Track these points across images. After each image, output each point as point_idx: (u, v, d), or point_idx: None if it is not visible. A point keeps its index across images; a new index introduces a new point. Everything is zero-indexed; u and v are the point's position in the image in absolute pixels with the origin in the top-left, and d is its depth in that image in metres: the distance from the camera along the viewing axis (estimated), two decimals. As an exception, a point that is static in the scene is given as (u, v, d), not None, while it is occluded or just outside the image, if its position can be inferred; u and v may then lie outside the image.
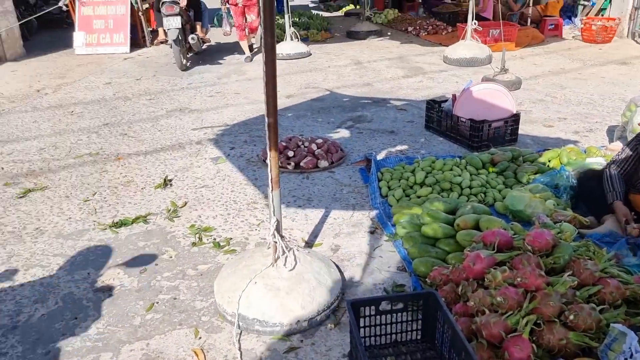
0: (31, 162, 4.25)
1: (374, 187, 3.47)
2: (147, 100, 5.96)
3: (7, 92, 6.52)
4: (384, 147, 4.32)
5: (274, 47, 2.03)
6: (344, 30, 10.40)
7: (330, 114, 5.29)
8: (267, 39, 1.96)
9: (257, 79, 6.81)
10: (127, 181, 3.83)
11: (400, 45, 8.82)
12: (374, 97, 5.82)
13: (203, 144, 4.54)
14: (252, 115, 5.31)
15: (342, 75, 6.88)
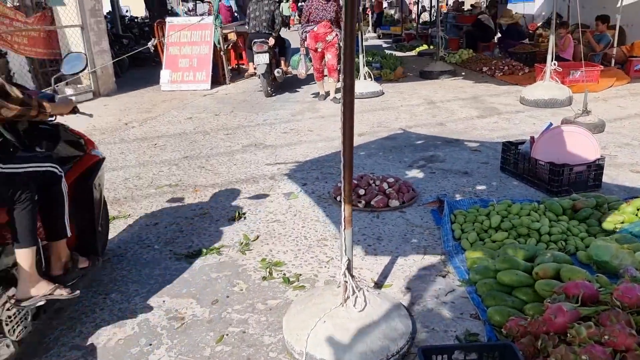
0: (117, 191, 4.51)
1: (446, 229, 3.39)
2: (225, 135, 6.21)
3: (99, 124, 7.02)
4: (457, 189, 4.23)
5: (353, 89, 2.07)
6: (417, 70, 10.44)
7: (402, 153, 5.26)
8: (347, 80, 2.00)
9: (330, 116, 6.94)
10: (202, 212, 3.97)
11: (475, 85, 8.71)
12: (447, 137, 5.75)
13: (276, 179, 4.64)
14: (324, 153, 5.38)
15: (414, 114, 6.86)
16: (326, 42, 7.40)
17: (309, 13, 7.36)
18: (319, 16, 7.26)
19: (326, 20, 7.26)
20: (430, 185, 4.33)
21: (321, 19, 7.25)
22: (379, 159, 5.09)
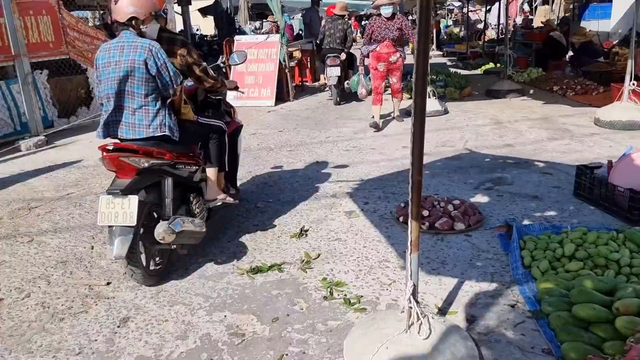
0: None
1: (515, 256, 3.24)
2: (288, 151, 6.28)
3: (168, 138, 7.28)
4: (527, 213, 4.05)
5: (424, 109, 2.02)
6: (482, 89, 10.19)
7: (468, 174, 5.12)
8: (418, 100, 1.96)
9: (393, 135, 6.88)
10: (265, 228, 4.01)
11: (545, 104, 8.38)
12: (515, 158, 5.54)
13: (338, 197, 4.63)
14: (386, 172, 5.32)
15: (480, 134, 6.68)
16: (389, 63, 6.98)
17: (371, 32, 6.99)
18: (382, 35, 6.88)
19: (389, 40, 6.88)
20: (497, 208, 4.18)
21: (383, 38, 6.87)
22: (443, 180, 4.97)
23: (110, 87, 3.14)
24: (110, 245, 2.92)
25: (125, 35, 3.15)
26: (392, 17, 6.85)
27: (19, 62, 6.98)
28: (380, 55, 6.98)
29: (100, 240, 3.91)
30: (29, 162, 6.31)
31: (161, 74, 3.13)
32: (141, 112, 3.15)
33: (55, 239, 3.97)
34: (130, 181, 2.96)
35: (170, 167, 3.25)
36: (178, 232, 3.07)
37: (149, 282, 3.16)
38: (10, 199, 4.95)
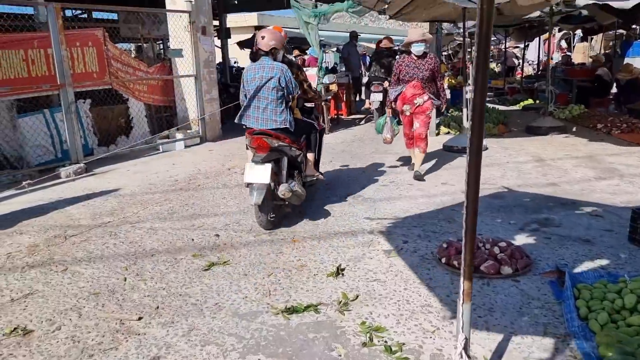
0: (216, 237, 4.56)
1: (569, 306, 3.01)
2: (323, 185, 6.18)
3: (204, 169, 7.30)
4: (578, 259, 3.80)
5: (480, 150, 1.89)
6: (522, 125, 9.97)
7: (512, 213, 4.90)
8: (474, 140, 1.83)
9: (432, 170, 6.71)
10: (300, 265, 3.88)
11: (589, 143, 8.10)
12: (561, 198, 5.30)
13: (375, 235, 4.47)
14: (425, 209, 5.15)
15: (522, 172, 6.45)
16: (414, 106, 6.17)
17: (399, 71, 6.25)
18: (409, 74, 6.14)
19: (417, 80, 6.13)
20: (545, 252, 3.94)
21: (412, 77, 6.14)
22: (486, 219, 4.76)
23: (252, 95, 4.69)
24: (250, 196, 4.43)
25: (265, 59, 4.72)
26: (423, 56, 6.15)
27: (64, 91, 7.16)
28: (405, 96, 6.21)
29: (133, 272, 3.85)
30: (67, 190, 6.39)
31: (287, 86, 4.69)
32: (271, 111, 4.66)
33: (89, 269, 3.93)
34: (265, 155, 4.51)
35: (287, 149, 4.74)
36: (293, 191, 4.59)
37: (269, 226, 4.66)
38: (48, 226, 4.97)
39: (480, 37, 1.73)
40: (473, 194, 1.94)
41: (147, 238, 4.59)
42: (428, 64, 6.14)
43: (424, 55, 6.17)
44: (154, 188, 6.37)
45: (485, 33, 1.72)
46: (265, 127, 4.65)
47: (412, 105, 6.19)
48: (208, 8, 9.37)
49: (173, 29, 9.01)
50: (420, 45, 6.08)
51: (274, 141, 4.61)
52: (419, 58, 6.15)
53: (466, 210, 2.00)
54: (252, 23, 25.76)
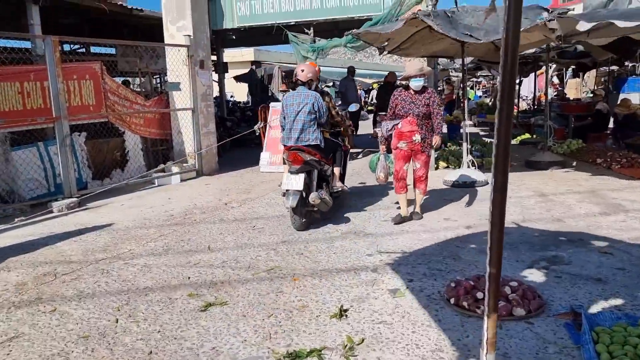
0: (214, 275, 4.38)
1: (589, 351, 2.84)
2: (323, 220, 6.03)
3: (200, 203, 7.15)
4: (592, 299, 3.64)
5: (505, 187, 1.76)
6: (520, 159, 9.91)
7: (518, 250, 4.75)
8: (499, 177, 1.70)
9: (432, 205, 6.58)
10: (302, 306, 3.69)
11: (590, 177, 8.03)
12: (568, 234, 5.16)
13: (379, 272, 4.30)
14: (429, 244, 5.00)
15: (525, 207, 6.33)
16: (412, 144, 5.76)
17: (395, 105, 5.85)
18: (405, 109, 5.75)
19: (412, 116, 5.71)
20: (557, 292, 3.78)
21: (407, 113, 5.73)
22: (493, 257, 4.60)
23: (291, 117, 5.71)
24: (286, 201, 5.40)
25: (302, 88, 5.83)
26: (421, 91, 5.75)
27: (59, 124, 7.06)
28: (402, 133, 5.79)
29: (125, 312, 3.65)
30: (59, 224, 6.21)
31: (320, 111, 5.74)
32: (305, 131, 5.67)
33: (79, 310, 3.73)
34: (299, 167, 5.43)
35: (317, 163, 5.68)
36: (322, 199, 5.50)
37: (301, 228, 5.56)
38: (37, 263, 4.78)
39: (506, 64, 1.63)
40: (497, 233, 1.80)
41: (141, 276, 4.40)
42: (425, 99, 5.73)
43: (422, 90, 5.78)
44: (149, 223, 6.20)
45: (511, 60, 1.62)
46: (300, 144, 5.61)
47: (409, 141, 5.76)
48: (206, 42, 9.40)
49: (171, 63, 9.00)
50: (418, 80, 5.70)
51: (306, 156, 5.53)
52: (416, 93, 5.76)
53: (490, 252, 1.85)
54: (249, 58, 26.02)
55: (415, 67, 5.97)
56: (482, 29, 6.69)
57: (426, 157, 5.86)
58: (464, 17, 6.90)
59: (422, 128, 5.75)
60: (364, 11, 8.99)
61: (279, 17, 9.63)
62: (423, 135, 5.74)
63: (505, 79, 1.64)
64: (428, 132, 5.79)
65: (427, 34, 7.89)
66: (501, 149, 1.69)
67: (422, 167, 5.85)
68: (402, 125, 5.78)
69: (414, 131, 5.73)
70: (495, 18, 6.88)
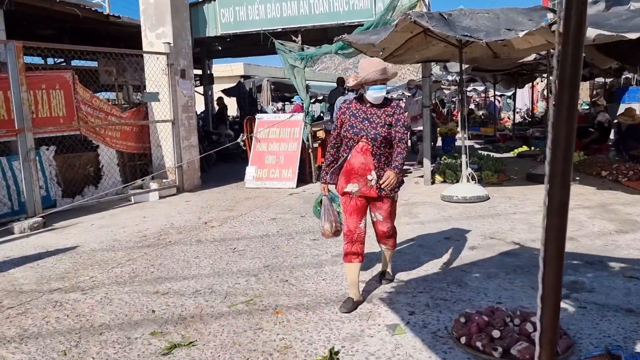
0: (184, 307, 3.78)
1: (640, 410, 2.25)
2: (311, 240, 5.46)
3: (178, 222, 6.55)
4: (627, 335, 3.09)
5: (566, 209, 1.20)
6: (520, 173, 9.45)
7: (531, 275, 4.19)
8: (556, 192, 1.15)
9: (431, 222, 6.03)
10: (284, 347, 3.10)
11: (597, 191, 7.53)
12: (585, 256, 4.62)
13: (375, 303, 3.72)
14: (430, 270, 4.43)
15: (532, 224, 5.79)
16: (367, 187, 3.67)
17: (340, 123, 3.78)
18: (354, 130, 3.67)
19: (366, 140, 3.64)
20: (585, 326, 3.22)
21: (357, 135, 3.66)
22: (504, 283, 4.04)
23: None
24: None
25: (350, 94, 6.09)
26: (381, 104, 3.72)
27: (22, 137, 6.46)
28: (352, 168, 3.67)
29: (72, 357, 3.04)
30: (18, 248, 5.58)
31: None
32: None
33: (17, 354, 3.12)
34: None
35: None
36: None
37: None
38: (-19, 295, 4.15)
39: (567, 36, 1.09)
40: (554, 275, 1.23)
41: (99, 310, 3.79)
42: (387, 115, 3.66)
43: (383, 103, 3.72)
44: (118, 245, 5.58)
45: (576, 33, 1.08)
46: None
47: (362, 183, 3.64)
48: (188, 51, 8.86)
49: (150, 72, 8.44)
50: (380, 89, 3.64)
51: None
52: (374, 106, 3.71)
53: (542, 303, 1.29)
54: (238, 72, 25.63)
55: (374, 66, 3.63)
56: (481, 31, 6.21)
57: (390, 205, 3.77)
58: (462, 19, 6.43)
59: (380, 160, 3.63)
60: (354, 17, 8.52)
61: (265, 24, 9.13)
62: (383, 172, 3.65)
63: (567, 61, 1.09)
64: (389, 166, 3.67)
65: (422, 40, 7.44)
66: (560, 155, 1.14)
67: (385, 219, 3.80)
68: (352, 157, 3.66)
69: (368, 166, 3.62)
70: (494, 20, 6.41)
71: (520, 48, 7.73)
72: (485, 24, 6.39)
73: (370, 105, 3.71)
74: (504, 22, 6.28)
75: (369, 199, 3.73)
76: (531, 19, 6.02)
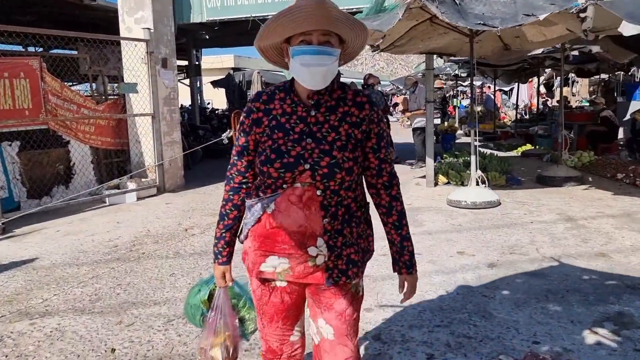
0: (151, 344, 3.08)
1: None
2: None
3: (155, 229, 5.84)
4: None
5: None
6: (528, 174, 8.83)
7: (568, 304, 3.54)
8: None
9: (440, 233, 5.38)
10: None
11: (616, 196, 6.90)
12: (625, 277, 3.97)
13: (384, 341, 3.05)
14: (445, 292, 3.78)
15: (555, 236, 5.15)
16: (307, 265, 1.74)
17: (252, 141, 1.79)
18: (289, 160, 1.68)
19: (312, 183, 1.69)
20: (651, 380, 2.57)
21: (294, 171, 1.68)
22: (536, 314, 3.39)
23: None
24: None
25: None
26: (336, 103, 1.75)
27: (-23, 131, 5.70)
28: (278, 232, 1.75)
29: None
30: (-34, 260, 4.84)
31: None
32: None
33: None
34: None
35: None
36: None
37: None
38: None
39: None
40: None
41: (46, 347, 3.09)
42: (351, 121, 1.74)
43: (341, 98, 1.76)
44: (83, 258, 4.87)
45: None
46: None
47: (298, 259, 1.75)
48: (170, 38, 8.10)
49: (127, 61, 7.68)
50: (316, 53, 1.62)
51: None
52: (318, 102, 1.73)
53: None
54: (228, 64, 24.86)
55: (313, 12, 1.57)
56: (496, 17, 5.53)
57: (350, 303, 1.84)
58: (474, 5, 5.75)
59: (335, 217, 1.76)
60: (352, 3, 7.79)
61: (255, 9, 8.38)
62: (342, 241, 1.78)
63: None
64: (357, 229, 1.86)
65: (427, 28, 6.75)
66: None
67: (340, 335, 1.83)
68: (277, 210, 1.75)
69: (311, 229, 1.73)
70: (510, 5, 5.74)
71: (533, 40, 7.08)
72: (500, 9, 5.72)
73: (311, 99, 1.72)
74: (522, 7, 5.61)
75: (310, 292, 1.85)
76: (554, 2, 5.35)
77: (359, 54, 1.83)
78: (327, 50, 1.64)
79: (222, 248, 1.92)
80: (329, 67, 1.65)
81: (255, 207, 1.79)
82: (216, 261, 1.95)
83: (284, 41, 1.70)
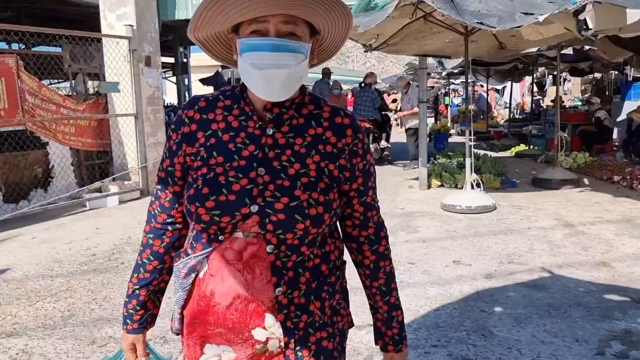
0: (123, 370, 2.82)
1: None
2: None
3: (136, 236, 5.55)
4: None
5: None
6: (523, 175, 8.66)
7: (571, 319, 3.33)
8: None
9: (435, 240, 5.15)
10: None
11: (615, 200, 6.73)
12: (629, 290, 3.78)
13: (377, 366, 2.82)
14: (440, 306, 3.55)
15: (554, 244, 4.95)
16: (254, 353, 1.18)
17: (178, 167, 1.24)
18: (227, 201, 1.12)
19: (260, 235, 1.13)
20: (668, 411, 2.36)
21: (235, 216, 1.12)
22: (538, 332, 3.17)
23: None
24: None
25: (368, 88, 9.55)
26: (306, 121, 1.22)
27: (-54, 133, 5.39)
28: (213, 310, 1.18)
29: None
30: None
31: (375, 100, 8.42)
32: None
33: None
34: None
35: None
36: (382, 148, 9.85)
37: None
38: None
39: None
40: None
41: (9, 373, 2.83)
42: (319, 148, 1.19)
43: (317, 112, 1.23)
44: (58, 268, 4.59)
45: None
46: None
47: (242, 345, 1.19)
48: (154, 35, 7.82)
49: (109, 59, 7.38)
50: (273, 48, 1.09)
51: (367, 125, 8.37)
52: (281, 123, 1.20)
53: None
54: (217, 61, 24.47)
55: None
56: (493, 16, 5.32)
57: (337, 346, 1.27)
58: (470, 2, 5.53)
59: (294, 284, 1.17)
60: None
61: (243, 6, 8.10)
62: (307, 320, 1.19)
63: None
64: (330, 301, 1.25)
65: (421, 26, 6.52)
66: None
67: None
68: (210, 272, 1.18)
69: (257, 303, 1.16)
70: (508, 3, 5.52)
71: (530, 39, 6.86)
72: (497, 7, 5.51)
73: (270, 112, 1.20)
74: (520, 5, 5.40)
75: None
76: (552, 1, 5.15)
77: (340, 49, 1.29)
78: (289, 45, 1.10)
79: (133, 310, 1.35)
80: (293, 70, 1.11)
81: (182, 271, 1.23)
82: (125, 328, 1.39)
83: (231, 30, 1.18)
